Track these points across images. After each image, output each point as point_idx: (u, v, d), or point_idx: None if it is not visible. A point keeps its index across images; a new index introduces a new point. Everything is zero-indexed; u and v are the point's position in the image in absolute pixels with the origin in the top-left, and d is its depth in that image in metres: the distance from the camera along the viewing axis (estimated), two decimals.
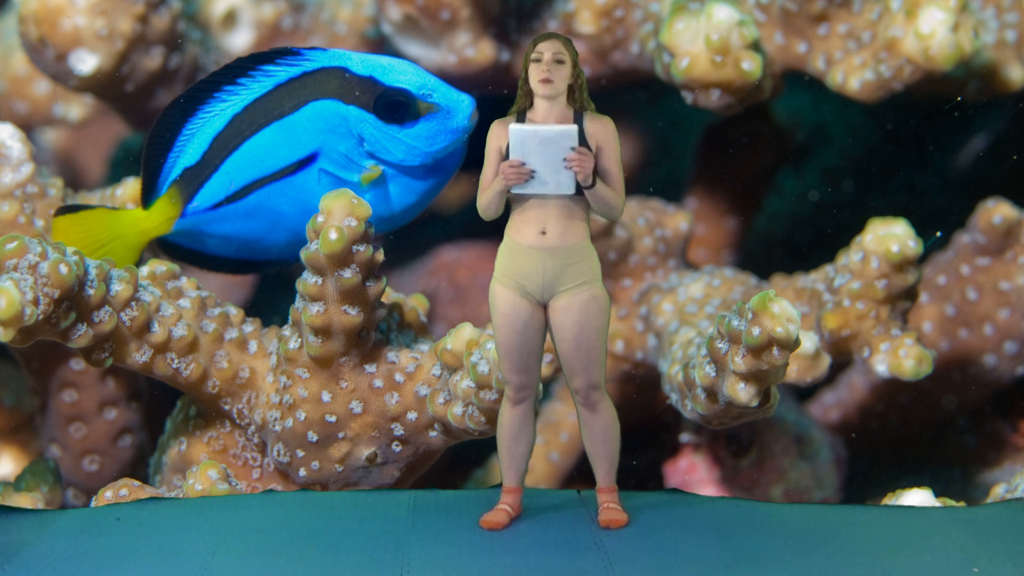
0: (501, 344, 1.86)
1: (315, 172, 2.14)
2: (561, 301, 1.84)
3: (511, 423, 1.88)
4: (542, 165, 1.81)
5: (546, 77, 1.82)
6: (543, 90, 1.83)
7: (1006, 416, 2.76)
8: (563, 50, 1.83)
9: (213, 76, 2.16)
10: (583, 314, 1.84)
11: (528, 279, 1.84)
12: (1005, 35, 2.63)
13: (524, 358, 1.86)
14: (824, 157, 3.20)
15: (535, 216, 1.84)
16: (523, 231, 1.84)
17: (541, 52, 1.83)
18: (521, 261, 1.84)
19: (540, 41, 1.83)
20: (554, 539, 1.84)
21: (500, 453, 1.89)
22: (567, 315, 1.84)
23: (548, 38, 1.83)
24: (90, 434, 2.47)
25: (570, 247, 1.84)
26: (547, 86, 1.83)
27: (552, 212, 1.83)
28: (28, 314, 1.90)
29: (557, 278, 1.84)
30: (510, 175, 1.81)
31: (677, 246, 2.62)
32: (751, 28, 2.44)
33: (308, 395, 2.06)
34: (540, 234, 1.84)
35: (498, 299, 1.85)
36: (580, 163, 1.80)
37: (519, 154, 1.81)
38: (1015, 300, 2.62)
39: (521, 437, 1.89)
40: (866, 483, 2.71)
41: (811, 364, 2.33)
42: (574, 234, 1.84)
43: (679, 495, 2.03)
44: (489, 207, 1.85)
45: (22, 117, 2.96)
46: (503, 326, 1.85)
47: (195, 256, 2.26)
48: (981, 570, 1.75)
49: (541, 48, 1.83)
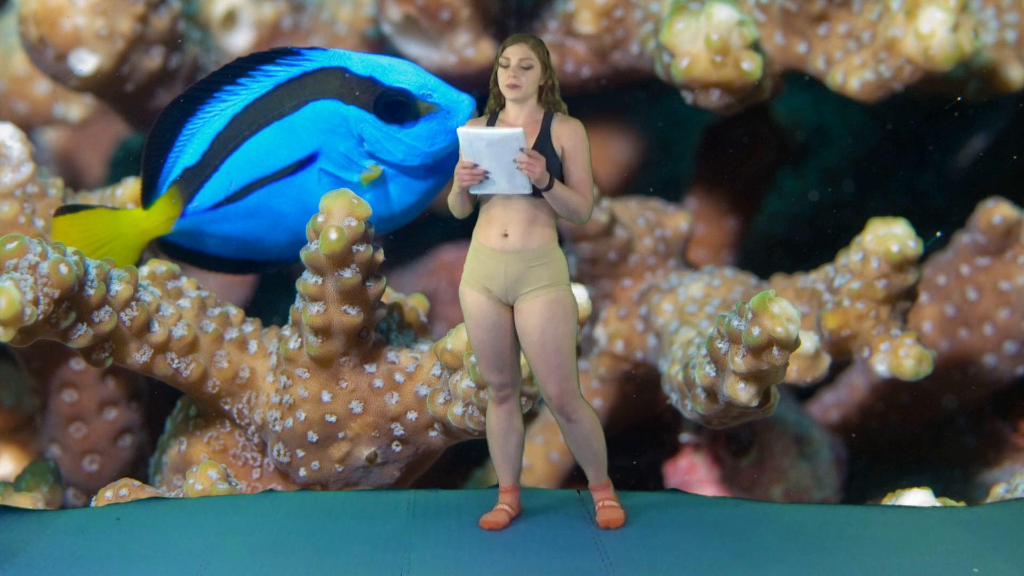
0: (474, 345, 1.86)
1: (315, 172, 2.14)
2: (524, 304, 1.83)
3: (497, 423, 1.88)
4: (495, 167, 1.81)
5: (512, 83, 1.82)
6: (510, 95, 1.83)
7: (1006, 416, 2.76)
8: (531, 54, 1.82)
9: (213, 76, 2.16)
10: (545, 317, 1.82)
11: (491, 281, 1.84)
12: (1005, 35, 2.63)
13: (498, 358, 1.85)
14: (824, 157, 3.20)
15: (498, 218, 1.83)
16: (487, 233, 1.84)
17: (508, 58, 1.82)
18: (484, 263, 1.84)
19: (508, 45, 1.83)
20: (554, 539, 1.84)
21: (492, 454, 1.89)
22: (530, 318, 1.83)
23: (516, 42, 1.82)
24: (90, 434, 2.47)
25: (533, 250, 1.83)
26: (514, 91, 1.82)
27: (515, 215, 1.83)
28: (28, 314, 1.90)
29: (519, 281, 1.83)
30: (463, 176, 1.82)
31: (677, 246, 2.62)
32: (751, 28, 2.44)
33: (308, 395, 2.06)
34: (502, 236, 1.83)
35: (466, 300, 1.86)
36: (529, 166, 1.79)
37: (470, 156, 1.81)
38: (1015, 300, 2.62)
39: (510, 436, 1.88)
40: (866, 483, 2.71)
41: (811, 364, 2.33)
42: (537, 237, 1.83)
43: (679, 495, 2.03)
44: (454, 207, 1.85)
45: (22, 117, 2.96)
46: (473, 327, 1.85)
47: (195, 256, 2.26)
48: (981, 570, 1.75)
49: (508, 53, 1.82)
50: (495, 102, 1.85)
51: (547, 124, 1.83)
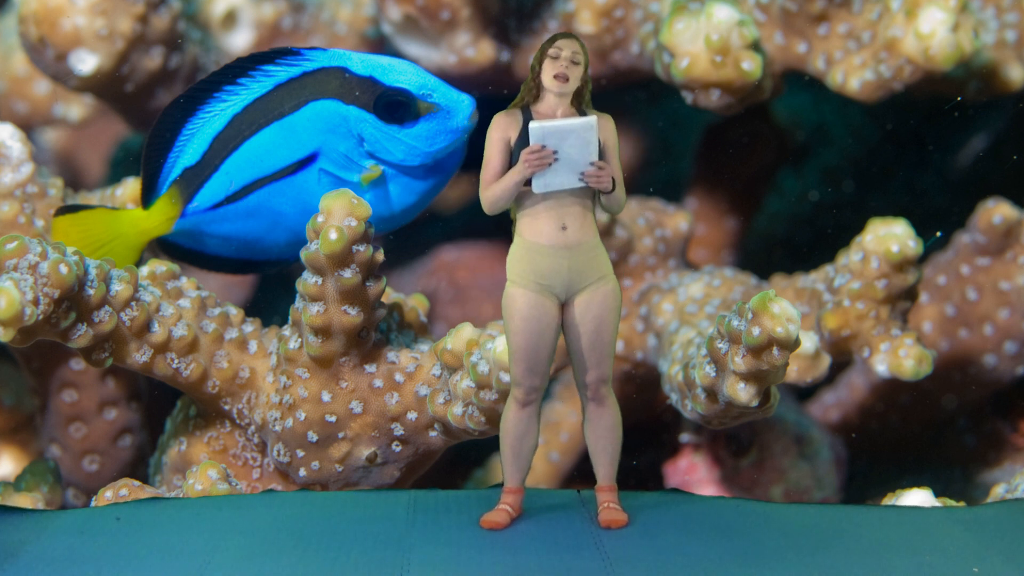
0: (519, 347, 1.84)
1: (315, 172, 2.14)
2: (583, 297, 1.85)
3: (517, 424, 1.88)
4: (564, 160, 1.81)
5: (563, 73, 1.83)
6: (557, 87, 1.84)
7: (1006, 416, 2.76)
8: (580, 52, 1.84)
9: (213, 76, 2.16)
10: (603, 308, 1.85)
11: (551, 278, 1.84)
12: (1005, 35, 2.63)
13: (540, 361, 1.85)
14: (824, 157, 3.20)
15: (553, 213, 1.84)
16: (541, 230, 1.84)
17: (560, 48, 1.84)
18: (542, 261, 1.84)
19: (560, 38, 1.84)
20: (554, 539, 1.84)
21: (503, 453, 1.89)
22: (588, 310, 1.85)
23: (567, 37, 1.84)
24: (90, 434, 2.47)
25: (590, 241, 1.85)
26: (562, 83, 1.84)
27: (569, 209, 1.84)
28: (28, 314, 1.90)
29: (580, 274, 1.85)
30: (532, 160, 1.81)
31: (677, 246, 2.62)
32: (751, 28, 2.44)
33: (308, 395, 2.06)
34: (561, 230, 1.84)
35: (518, 302, 1.84)
36: (598, 178, 1.82)
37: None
38: (1015, 300, 2.62)
39: (526, 439, 1.88)
40: (866, 483, 2.71)
41: (811, 364, 2.33)
42: (591, 228, 1.86)
43: (679, 495, 2.03)
44: (499, 200, 1.84)
45: (22, 117, 2.96)
46: (523, 330, 1.84)
47: (195, 256, 2.26)
48: (981, 570, 1.75)
49: (561, 45, 1.84)
50: (528, 95, 1.86)
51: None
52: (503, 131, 1.85)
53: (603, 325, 1.85)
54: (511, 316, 1.84)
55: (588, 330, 1.85)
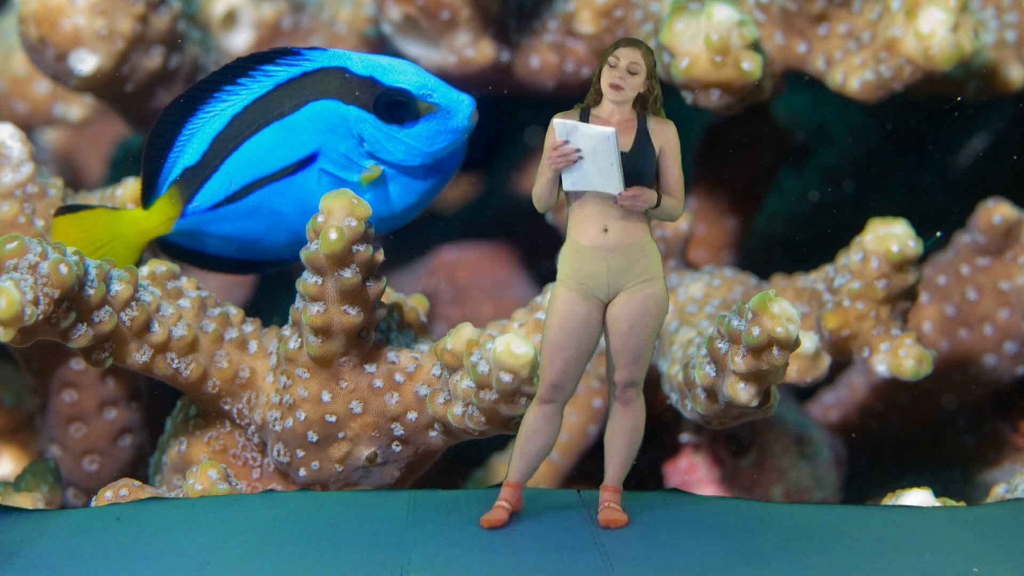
0: (548, 342, 1.85)
1: (315, 172, 2.14)
2: (622, 297, 1.86)
3: (533, 420, 1.88)
4: (588, 161, 1.82)
5: (617, 84, 1.84)
6: (611, 95, 1.85)
7: (1006, 416, 2.76)
8: (640, 61, 1.84)
9: (213, 76, 2.16)
10: (640, 312, 1.86)
11: (592, 279, 1.85)
12: (1005, 35, 2.63)
13: (568, 361, 1.86)
14: (824, 157, 3.20)
15: (596, 215, 1.85)
16: (585, 231, 1.85)
17: (618, 58, 1.84)
18: (585, 262, 1.85)
19: (621, 46, 1.85)
20: (554, 539, 1.83)
21: (515, 445, 1.89)
22: (624, 310, 1.86)
23: (629, 45, 1.85)
24: (90, 434, 2.47)
25: (632, 244, 1.85)
26: (616, 92, 1.85)
27: (613, 210, 1.85)
28: (28, 314, 1.90)
29: (620, 276, 1.85)
30: (555, 157, 1.82)
31: (677, 246, 2.62)
32: (751, 28, 2.44)
33: (308, 395, 2.06)
34: (602, 232, 1.85)
35: (558, 300, 1.86)
36: (633, 202, 1.82)
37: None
38: (1015, 300, 2.62)
39: (536, 437, 1.88)
40: (866, 483, 2.71)
41: (811, 364, 2.32)
42: (636, 231, 1.86)
43: (679, 495, 2.03)
44: (540, 197, 1.86)
45: (22, 117, 2.96)
46: (556, 325, 1.85)
47: (195, 256, 2.26)
48: (981, 570, 1.75)
49: (619, 54, 1.84)
50: (592, 99, 1.87)
51: (643, 124, 1.85)
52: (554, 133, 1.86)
53: (637, 328, 1.86)
54: (550, 312, 1.86)
55: (621, 330, 1.86)
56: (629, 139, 1.85)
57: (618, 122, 1.85)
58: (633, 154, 1.84)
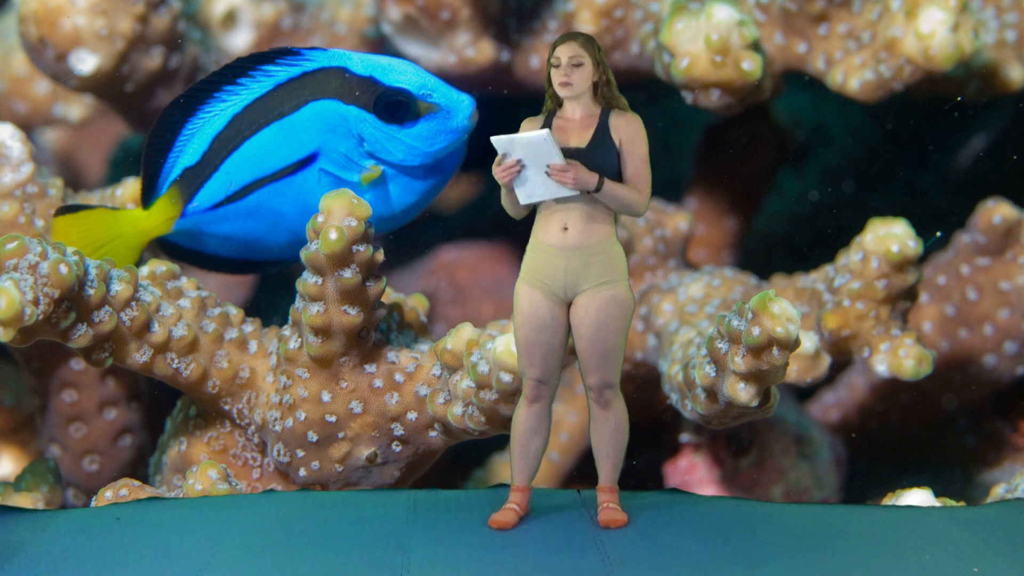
0: (520, 342, 1.86)
1: (315, 172, 2.14)
2: (583, 299, 1.86)
3: (526, 421, 1.88)
4: (535, 172, 1.83)
5: (564, 81, 1.85)
6: (563, 92, 1.86)
7: (1006, 416, 2.76)
8: (580, 51, 1.85)
9: (213, 76, 2.16)
10: (602, 313, 1.85)
11: (551, 277, 1.86)
12: (1005, 35, 2.63)
13: (543, 357, 1.86)
14: (824, 157, 3.20)
15: (558, 214, 1.85)
16: (547, 229, 1.86)
17: (559, 57, 1.85)
18: (544, 260, 1.86)
19: (558, 44, 1.86)
20: (554, 539, 1.84)
21: (512, 451, 1.89)
22: (587, 313, 1.85)
23: (566, 40, 1.85)
24: (90, 434, 2.47)
25: (592, 245, 1.85)
26: (566, 89, 1.85)
27: (574, 211, 1.85)
28: (28, 314, 1.90)
29: (579, 277, 1.85)
30: (498, 172, 1.84)
31: (677, 246, 2.62)
32: (751, 28, 2.44)
33: (308, 395, 2.06)
34: (562, 231, 1.85)
35: (520, 297, 1.87)
36: (561, 176, 1.82)
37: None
38: (1015, 300, 2.62)
39: (535, 437, 1.89)
40: (866, 483, 2.71)
41: (811, 364, 2.32)
42: (598, 232, 1.86)
43: (679, 495, 2.03)
44: (508, 208, 1.88)
45: (22, 117, 2.96)
46: (523, 324, 1.86)
47: (195, 256, 2.26)
48: (981, 570, 1.75)
49: (558, 53, 1.85)
50: (552, 102, 1.87)
51: (604, 118, 1.86)
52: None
53: (601, 331, 1.85)
54: (515, 310, 1.87)
55: (586, 335, 1.86)
56: (588, 135, 1.85)
57: (581, 119, 1.85)
58: (590, 149, 1.85)
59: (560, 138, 1.85)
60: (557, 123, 1.86)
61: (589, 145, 1.85)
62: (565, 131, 1.86)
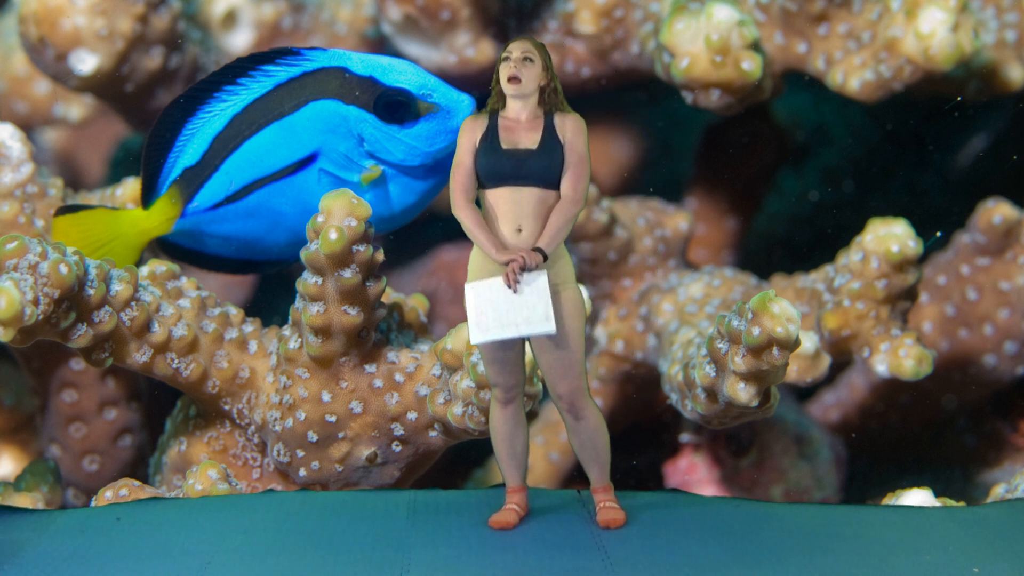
0: (484, 350, 1.85)
1: (315, 172, 2.14)
2: None
3: (503, 423, 1.88)
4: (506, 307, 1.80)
5: (514, 75, 1.83)
6: (511, 89, 1.83)
7: (1006, 416, 2.76)
8: (532, 50, 1.83)
9: (213, 76, 2.16)
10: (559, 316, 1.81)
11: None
12: (1005, 35, 2.63)
13: (507, 362, 1.85)
14: (824, 157, 3.20)
15: (511, 214, 1.83)
16: (497, 230, 1.83)
17: (510, 51, 1.83)
18: (493, 263, 1.83)
19: (510, 43, 1.84)
20: (554, 539, 1.84)
21: (498, 455, 1.89)
22: None
23: (519, 39, 1.84)
24: (90, 434, 2.47)
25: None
26: (515, 85, 1.83)
27: (527, 208, 1.82)
28: (28, 314, 1.90)
29: None
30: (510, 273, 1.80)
31: (677, 246, 2.62)
32: (751, 28, 2.44)
33: (308, 395, 2.06)
34: (516, 232, 1.83)
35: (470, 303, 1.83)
36: (514, 272, 1.78)
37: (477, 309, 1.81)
38: (1015, 300, 2.62)
39: (516, 436, 1.88)
40: (866, 483, 2.71)
41: (811, 364, 2.33)
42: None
43: (679, 495, 2.03)
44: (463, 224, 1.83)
45: (22, 117, 2.96)
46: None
47: (195, 256, 2.26)
48: (981, 570, 1.75)
49: (511, 47, 1.84)
50: (496, 101, 1.86)
51: (550, 121, 1.84)
52: (471, 134, 1.85)
53: (561, 336, 1.82)
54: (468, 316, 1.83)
55: (545, 345, 1.83)
56: (536, 136, 1.83)
57: (526, 120, 1.84)
58: (540, 151, 1.83)
59: (507, 138, 1.83)
60: (502, 123, 1.84)
61: (540, 147, 1.83)
62: (512, 131, 1.84)
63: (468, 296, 1.81)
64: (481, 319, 1.80)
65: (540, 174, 1.82)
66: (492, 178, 1.83)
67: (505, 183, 1.83)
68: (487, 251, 1.81)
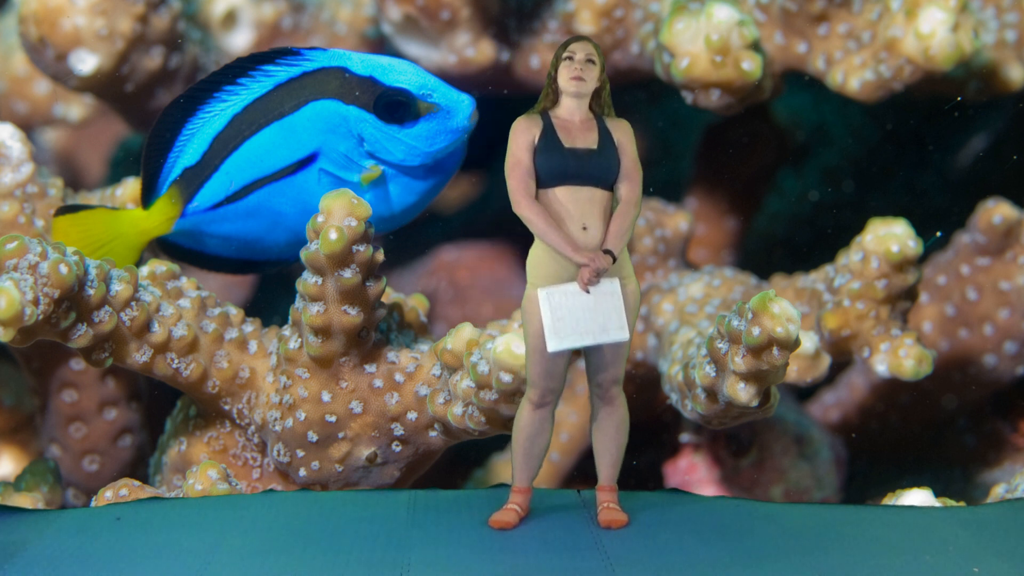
0: (537, 350, 1.84)
1: (315, 172, 2.14)
2: None
3: (530, 424, 1.88)
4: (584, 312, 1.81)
5: (578, 75, 1.85)
6: (574, 88, 1.85)
7: (1006, 416, 2.76)
8: (594, 52, 1.86)
9: (213, 76, 2.16)
10: (631, 309, 1.84)
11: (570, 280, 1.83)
12: (1005, 35, 2.63)
13: (556, 364, 1.85)
14: (824, 157, 3.20)
15: (575, 212, 1.84)
16: (565, 229, 1.83)
17: (574, 51, 1.86)
18: (565, 265, 1.83)
19: (573, 42, 1.86)
20: (555, 539, 1.84)
21: (514, 452, 1.89)
22: None
23: (580, 40, 1.86)
24: (90, 434, 2.47)
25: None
26: (578, 84, 1.85)
27: (589, 207, 1.83)
28: (28, 314, 1.90)
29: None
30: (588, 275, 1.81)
31: (677, 246, 2.62)
32: (751, 28, 2.44)
33: (308, 395, 2.06)
34: (582, 231, 1.83)
35: (534, 304, 1.83)
36: (590, 275, 1.80)
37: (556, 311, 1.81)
38: (1015, 300, 2.62)
39: (539, 439, 1.88)
40: (866, 483, 2.71)
41: (811, 364, 2.33)
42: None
43: (679, 495, 2.03)
44: (528, 223, 1.83)
45: (22, 117, 2.96)
46: (538, 333, 1.82)
47: (195, 256, 2.26)
48: (981, 570, 1.75)
49: (574, 48, 1.86)
50: (548, 101, 1.87)
51: (603, 124, 1.86)
52: (528, 133, 1.85)
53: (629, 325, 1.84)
54: (530, 319, 1.83)
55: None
56: (593, 136, 1.85)
57: (581, 121, 1.86)
58: (600, 151, 1.85)
59: (565, 137, 1.85)
60: (557, 122, 1.86)
61: (599, 147, 1.85)
62: (568, 131, 1.85)
63: (542, 301, 1.81)
64: (558, 325, 1.80)
65: (600, 174, 1.84)
66: (555, 177, 1.84)
67: (566, 182, 1.84)
68: (562, 250, 1.81)
